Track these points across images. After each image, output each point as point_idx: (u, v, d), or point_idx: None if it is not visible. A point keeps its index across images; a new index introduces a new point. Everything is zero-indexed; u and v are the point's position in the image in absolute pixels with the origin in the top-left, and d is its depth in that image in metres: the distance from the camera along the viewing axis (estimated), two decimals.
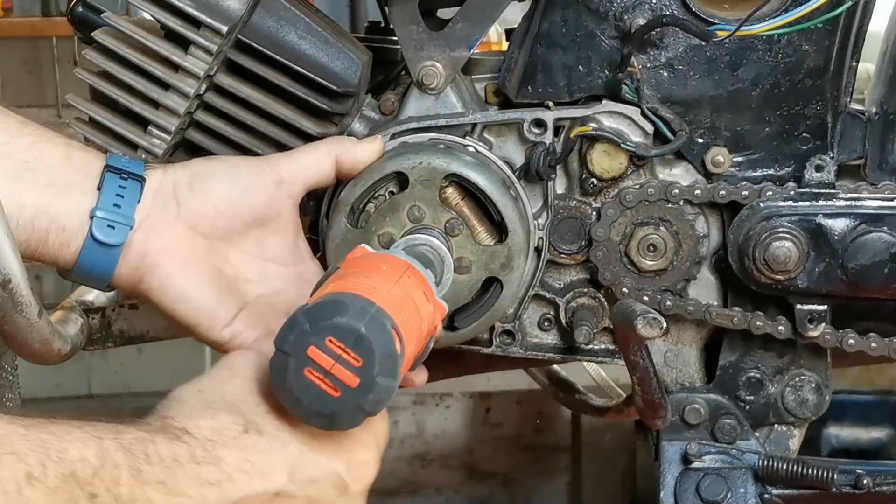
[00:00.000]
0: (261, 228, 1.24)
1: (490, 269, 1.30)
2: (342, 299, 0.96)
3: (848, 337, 1.40)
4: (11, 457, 0.83)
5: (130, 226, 1.17)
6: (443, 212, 1.29)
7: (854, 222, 1.36)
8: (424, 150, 1.31)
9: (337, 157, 1.27)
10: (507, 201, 1.30)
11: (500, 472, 3.99)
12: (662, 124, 1.36)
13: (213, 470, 0.95)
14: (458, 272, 1.29)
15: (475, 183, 1.29)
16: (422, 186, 1.28)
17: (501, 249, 1.30)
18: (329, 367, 0.94)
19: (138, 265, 1.18)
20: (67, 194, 1.16)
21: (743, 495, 1.43)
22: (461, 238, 1.30)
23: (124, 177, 1.18)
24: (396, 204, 1.29)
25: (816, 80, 1.38)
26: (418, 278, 1.10)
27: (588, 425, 3.80)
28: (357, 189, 1.29)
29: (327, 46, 1.33)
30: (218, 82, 1.33)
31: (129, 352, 3.43)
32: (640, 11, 1.36)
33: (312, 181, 1.26)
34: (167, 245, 1.19)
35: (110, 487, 0.88)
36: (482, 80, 1.44)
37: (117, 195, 1.17)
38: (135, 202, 1.18)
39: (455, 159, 1.30)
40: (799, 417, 1.47)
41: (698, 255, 1.41)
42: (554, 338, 1.46)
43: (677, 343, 1.47)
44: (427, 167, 1.28)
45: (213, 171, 1.22)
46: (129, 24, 1.30)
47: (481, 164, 1.32)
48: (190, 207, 1.20)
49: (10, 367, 1.77)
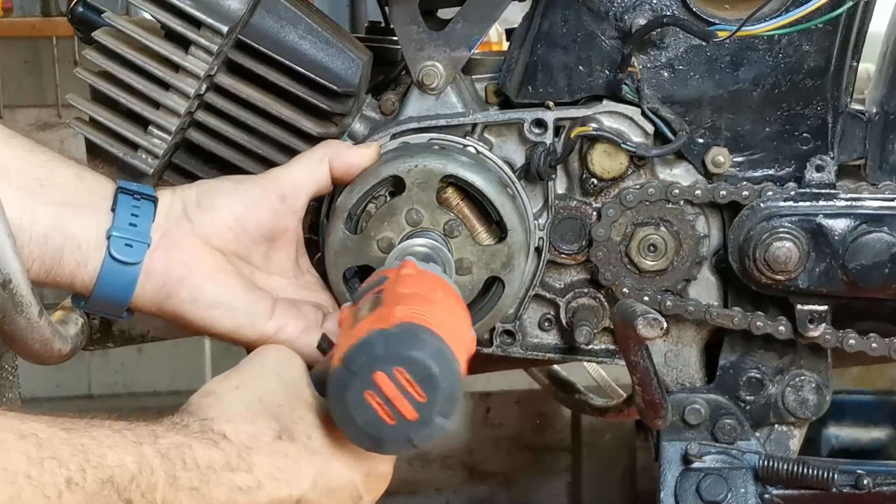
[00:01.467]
0: (268, 244, 1.25)
1: (491, 269, 1.30)
2: (417, 332, 0.97)
3: (848, 337, 1.40)
4: (53, 462, 0.85)
5: (148, 244, 1.18)
6: (441, 213, 1.29)
7: (854, 222, 1.36)
8: (420, 153, 1.30)
9: (330, 162, 1.27)
10: (505, 200, 1.29)
11: (500, 472, 3.99)
12: (663, 124, 1.36)
13: (245, 477, 0.98)
14: (459, 273, 1.29)
15: (472, 183, 1.28)
16: (419, 189, 1.27)
17: (502, 248, 1.29)
18: (392, 395, 0.96)
19: (164, 282, 1.19)
20: (82, 212, 1.16)
21: (743, 495, 1.43)
22: (460, 239, 1.29)
23: (137, 197, 1.19)
24: (394, 208, 1.28)
25: (817, 81, 1.38)
26: (465, 309, 1.11)
27: (588, 425, 3.80)
28: (353, 195, 1.28)
29: (327, 46, 1.33)
30: (218, 82, 1.33)
31: (129, 352, 3.43)
32: (640, 11, 1.36)
33: (312, 190, 1.27)
34: (190, 258, 1.19)
35: (146, 493, 0.91)
36: (482, 80, 1.44)
37: (132, 214, 1.18)
38: (150, 221, 1.19)
39: (451, 160, 1.29)
40: (799, 417, 1.47)
41: (699, 256, 1.41)
42: (554, 338, 1.46)
43: (677, 343, 1.47)
44: (423, 170, 1.27)
45: (218, 189, 1.23)
46: (130, 24, 1.30)
47: (478, 164, 1.31)
48: (201, 224, 1.21)
49: (10, 367, 1.77)
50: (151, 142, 1.32)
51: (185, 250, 1.20)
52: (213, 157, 1.36)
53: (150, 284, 1.18)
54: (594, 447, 3.82)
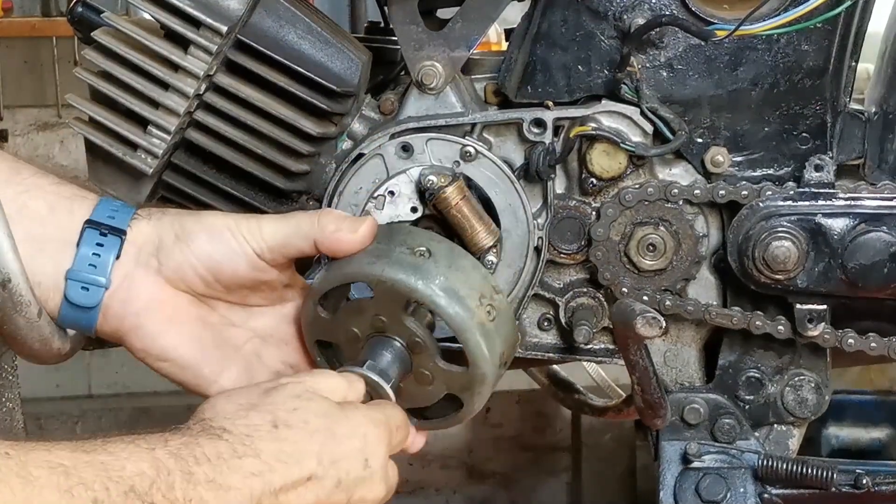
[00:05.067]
0: (246, 290, 1.22)
1: (450, 388, 1.22)
2: None
3: (847, 337, 1.40)
4: (80, 487, 0.91)
5: (105, 287, 1.16)
6: (404, 329, 1.19)
7: (853, 222, 1.36)
8: (396, 263, 1.17)
9: (315, 239, 1.19)
10: (478, 338, 1.18)
11: (500, 472, 3.99)
12: (662, 124, 1.36)
13: (255, 462, 1.01)
14: (419, 382, 1.21)
15: (441, 314, 1.17)
16: (387, 299, 1.18)
17: (463, 374, 1.20)
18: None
19: (118, 326, 1.18)
20: (45, 249, 1.14)
21: (743, 495, 1.43)
22: (423, 356, 1.20)
23: (104, 232, 1.16)
24: (362, 307, 1.20)
25: (816, 80, 1.38)
26: None
27: (588, 425, 3.80)
28: (326, 284, 1.20)
29: (327, 46, 1.33)
30: (218, 82, 1.33)
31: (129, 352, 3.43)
32: (639, 11, 1.36)
33: (295, 255, 1.20)
34: (147, 305, 1.17)
35: (166, 494, 0.95)
36: (482, 79, 1.44)
37: (94, 254, 1.15)
38: (111, 260, 1.16)
39: (423, 280, 1.16)
40: (798, 417, 1.47)
41: (698, 255, 1.41)
42: (553, 338, 1.46)
43: (677, 343, 1.47)
44: (391, 287, 1.16)
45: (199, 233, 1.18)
46: (129, 24, 1.30)
47: (452, 292, 1.17)
48: (170, 266, 1.17)
49: (10, 367, 1.77)
50: (151, 142, 1.32)
51: (145, 296, 1.17)
52: (213, 157, 1.36)
53: (107, 324, 1.18)
54: (594, 447, 3.82)
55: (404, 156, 1.37)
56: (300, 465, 1.04)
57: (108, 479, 0.92)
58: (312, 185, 1.39)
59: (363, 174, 1.37)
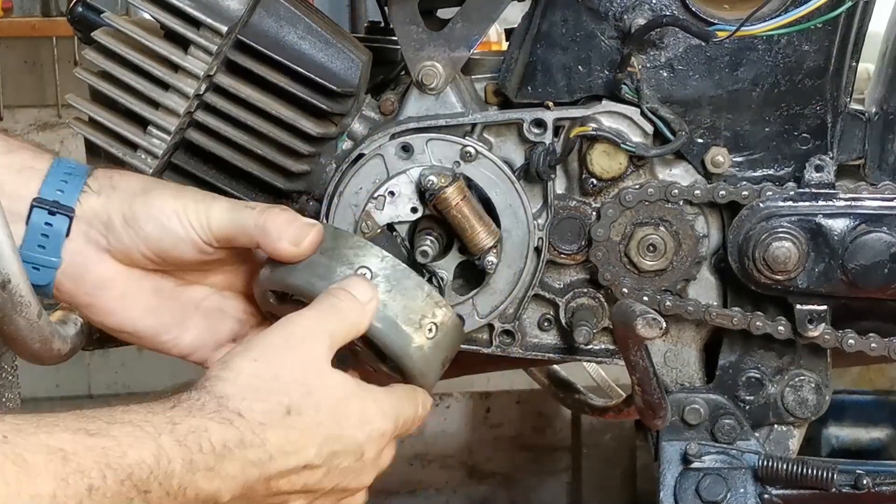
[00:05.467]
0: (198, 267, 1.22)
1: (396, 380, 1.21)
2: None
3: (847, 337, 1.40)
4: (77, 475, 0.91)
5: (55, 267, 1.16)
6: None
7: (854, 222, 1.36)
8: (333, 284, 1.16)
9: (258, 243, 1.17)
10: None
11: (500, 472, 3.99)
12: (662, 124, 1.36)
13: (258, 452, 1.03)
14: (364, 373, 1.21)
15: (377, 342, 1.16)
16: None
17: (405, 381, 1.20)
18: None
19: (72, 301, 1.19)
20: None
21: (743, 495, 1.43)
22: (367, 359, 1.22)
23: (52, 211, 1.15)
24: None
25: (816, 81, 1.38)
26: None
27: (588, 425, 3.80)
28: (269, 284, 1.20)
29: (327, 47, 1.33)
30: (218, 82, 1.33)
31: (129, 352, 3.42)
32: (639, 11, 1.36)
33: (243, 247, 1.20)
34: (99, 283, 1.18)
35: (163, 482, 0.96)
36: (482, 80, 1.44)
37: (42, 235, 1.14)
38: (61, 241, 1.15)
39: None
40: (799, 417, 1.47)
41: (698, 256, 1.41)
42: (554, 338, 1.46)
43: (677, 343, 1.47)
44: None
45: (146, 219, 1.16)
46: (129, 25, 1.30)
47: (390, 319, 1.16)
48: (119, 249, 1.17)
49: (10, 367, 1.77)
50: (151, 142, 1.32)
51: (96, 274, 1.17)
52: (213, 157, 1.36)
53: (65, 300, 1.19)
54: (594, 447, 3.83)
55: (404, 156, 1.37)
56: (299, 456, 1.06)
57: (107, 465, 0.92)
58: (312, 185, 1.39)
59: (363, 174, 1.37)
